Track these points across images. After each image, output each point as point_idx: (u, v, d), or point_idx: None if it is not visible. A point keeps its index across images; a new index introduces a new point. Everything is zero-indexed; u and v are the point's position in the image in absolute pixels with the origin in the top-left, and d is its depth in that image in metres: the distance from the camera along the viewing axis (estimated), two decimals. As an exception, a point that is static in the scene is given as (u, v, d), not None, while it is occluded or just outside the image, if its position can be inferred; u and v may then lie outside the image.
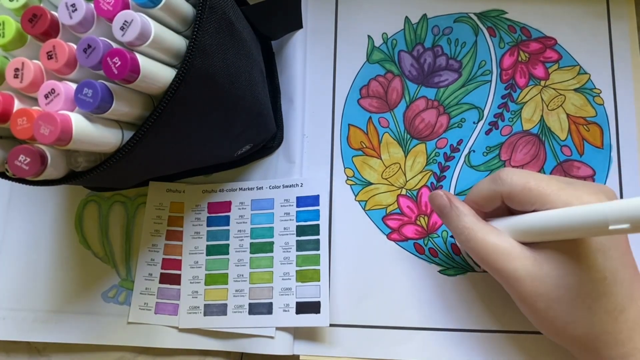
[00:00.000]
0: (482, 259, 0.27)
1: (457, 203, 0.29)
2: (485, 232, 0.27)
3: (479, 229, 0.28)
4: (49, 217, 0.38)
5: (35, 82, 0.23)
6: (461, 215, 0.29)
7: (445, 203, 0.29)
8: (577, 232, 0.24)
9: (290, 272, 0.34)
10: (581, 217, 0.23)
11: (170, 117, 0.24)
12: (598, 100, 0.37)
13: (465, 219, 0.28)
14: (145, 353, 0.35)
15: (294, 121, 0.37)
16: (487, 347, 0.33)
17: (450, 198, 0.29)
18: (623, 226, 0.21)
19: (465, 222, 0.28)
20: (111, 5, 0.23)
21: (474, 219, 0.28)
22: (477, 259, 0.28)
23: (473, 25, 0.39)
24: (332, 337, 0.34)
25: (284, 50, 0.39)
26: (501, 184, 0.27)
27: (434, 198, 0.30)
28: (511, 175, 0.27)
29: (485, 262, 0.27)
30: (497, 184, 0.28)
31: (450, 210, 0.29)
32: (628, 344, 0.25)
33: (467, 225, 0.28)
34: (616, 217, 0.21)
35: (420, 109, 0.38)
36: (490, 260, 0.27)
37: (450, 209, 0.29)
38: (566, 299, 0.26)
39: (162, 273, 0.36)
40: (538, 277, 0.26)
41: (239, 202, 0.36)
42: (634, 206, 0.21)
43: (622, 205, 0.21)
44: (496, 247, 0.27)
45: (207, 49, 0.24)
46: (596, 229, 0.23)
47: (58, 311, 0.36)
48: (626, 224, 0.21)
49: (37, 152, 0.23)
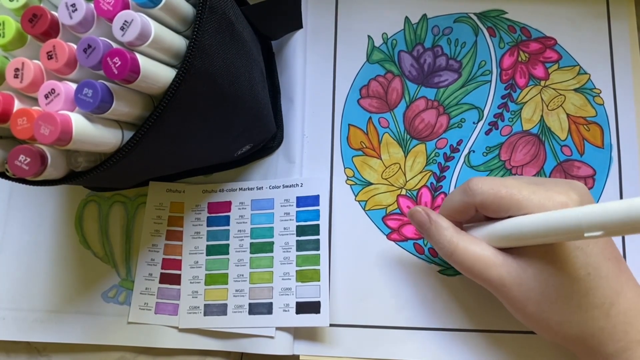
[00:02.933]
0: (467, 270, 0.28)
1: (436, 218, 0.29)
2: (467, 244, 0.28)
3: (460, 241, 0.28)
4: (49, 217, 0.38)
5: (35, 82, 0.23)
6: (441, 229, 0.29)
7: (424, 219, 0.29)
8: (553, 238, 0.24)
9: (290, 272, 0.34)
10: (556, 224, 0.24)
11: (171, 117, 0.24)
12: (598, 100, 0.37)
13: (445, 233, 0.28)
14: (145, 353, 0.35)
15: (294, 121, 0.37)
16: (487, 347, 0.33)
17: (428, 213, 0.29)
18: (597, 233, 0.22)
19: (445, 235, 0.28)
20: (111, 5, 0.23)
21: (454, 232, 0.28)
22: (462, 271, 0.28)
23: (473, 25, 0.39)
24: (332, 337, 0.34)
25: (284, 50, 0.39)
26: (472, 195, 0.27)
27: (412, 214, 0.30)
28: (480, 185, 0.27)
29: (471, 273, 0.28)
30: (469, 195, 0.28)
31: (430, 226, 0.29)
32: (624, 337, 0.25)
33: (447, 239, 0.28)
34: (590, 225, 0.22)
35: (420, 109, 0.38)
36: (475, 271, 0.27)
37: (430, 224, 0.29)
38: (555, 299, 0.26)
39: (162, 273, 0.36)
40: (524, 282, 0.26)
41: (239, 202, 0.36)
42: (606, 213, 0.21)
43: (595, 212, 0.22)
44: (479, 258, 0.27)
45: (207, 49, 0.24)
46: (572, 235, 0.23)
47: (58, 311, 0.36)
48: (600, 230, 0.21)
49: (37, 152, 0.23)
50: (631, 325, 0.25)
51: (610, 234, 0.21)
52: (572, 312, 0.26)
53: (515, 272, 0.26)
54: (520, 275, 0.26)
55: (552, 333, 0.27)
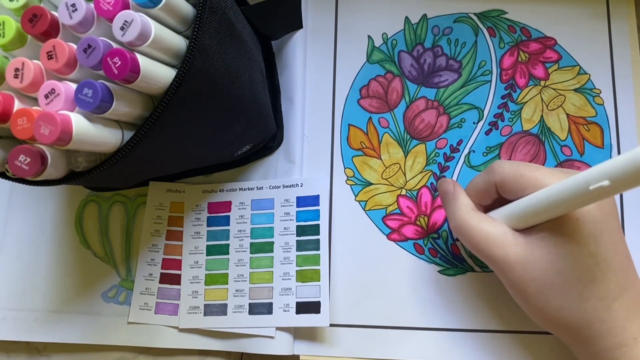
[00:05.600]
0: (474, 246, 0.28)
1: (459, 191, 0.30)
2: (479, 220, 0.28)
3: (472, 217, 0.28)
4: (49, 217, 0.38)
5: (35, 82, 0.23)
6: (459, 202, 0.30)
7: (449, 189, 0.31)
8: (563, 205, 0.24)
9: (290, 272, 0.34)
10: (564, 186, 0.24)
11: (170, 117, 0.24)
12: (598, 100, 0.37)
13: (462, 206, 0.29)
14: (145, 353, 0.35)
15: (294, 121, 0.37)
16: (487, 347, 0.33)
17: (455, 186, 0.31)
18: (603, 183, 0.22)
19: (461, 208, 0.29)
20: (111, 5, 0.23)
21: (469, 208, 0.29)
22: (469, 247, 0.29)
23: (473, 25, 0.39)
24: (332, 337, 0.34)
25: (284, 50, 0.39)
26: (493, 174, 0.28)
27: (441, 183, 0.32)
28: (503, 165, 0.28)
29: (477, 250, 0.28)
30: (490, 174, 0.29)
31: (451, 197, 0.30)
32: (622, 333, 0.25)
33: (462, 212, 0.29)
34: (595, 177, 0.22)
35: (420, 109, 0.38)
36: (481, 248, 0.28)
37: (452, 196, 0.30)
38: (557, 283, 0.26)
39: (162, 273, 0.36)
40: (529, 262, 0.26)
41: (239, 202, 0.36)
42: (610, 164, 0.21)
43: (600, 166, 0.22)
44: (488, 235, 0.27)
45: (207, 49, 0.24)
46: (579, 193, 0.23)
47: (58, 311, 0.36)
48: (605, 180, 0.21)
49: (37, 152, 0.23)
50: (630, 322, 0.25)
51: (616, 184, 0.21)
52: (573, 299, 0.26)
53: (522, 252, 0.26)
54: (527, 255, 0.26)
55: (549, 318, 0.27)
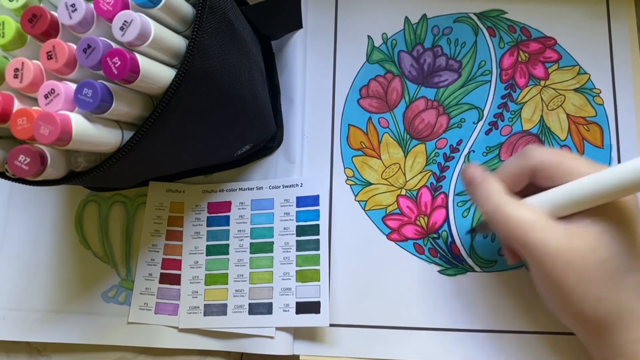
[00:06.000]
0: (512, 232, 0.26)
1: (490, 177, 0.28)
2: (515, 205, 0.26)
3: (508, 202, 0.27)
4: (49, 217, 0.38)
5: (35, 82, 0.23)
6: (491, 185, 0.28)
7: (477, 175, 0.29)
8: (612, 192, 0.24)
9: (290, 272, 0.34)
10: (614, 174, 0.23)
11: (170, 117, 0.24)
12: (598, 100, 0.37)
13: (495, 192, 0.27)
14: (145, 353, 0.35)
15: (294, 121, 0.37)
16: (487, 347, 0.33)
17: (483, 172, 0.29)
18: None
19: (494, 192, 0.27)
20: (111, 5, 0.23)
21: (503, 193, 0.27)
22: (505, 232, 0.27)
23: (473, 25, 0.39)
24: (332, 337, 0.34)
25: (284, 50, 0.39)
26: (529, 157, 0.27)
27: (466, 169, 0.30)
28: (540, 150, 0.27)
29: (515, 236, 0.26)
30: (525, 158, 0.27)
31: (480, 183, 0.28)
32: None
33: (496, 197, 0.27)
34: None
35: (420, 109, 0.38)
36: (519, 234, 0.26)
37: (481, 181, 0.28)
38: (598, 274, 0.25)
39: (162, 273, 0.36)
40: (571, 251, 0.25)
41: (239, 202, 0.36)
42: None
43: None
44: (525, 219, 0.26)
45: (207, 49, 0.24)
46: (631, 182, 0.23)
47: (58, 311, 0.36)
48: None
49: (37, 152, 0.23)
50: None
51: None
52: (611, 289, 0.25)
53: (564, 239, 0.25)
54: (568, 243, 0.25)
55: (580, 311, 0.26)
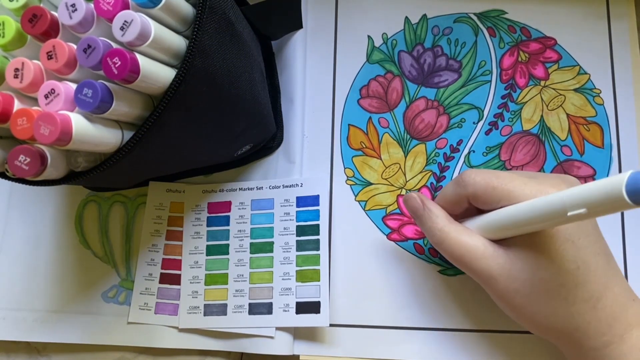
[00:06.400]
0: (457, 260, 0.28)
1: (430, 205, 0.29)
2: (458, 233, 0.28)
3: (452, 230, 0.28)
4: (49, 217, 0.38)
5: (35, 82, 0.23)
6: (434, 217, 0.29)
7: (418, 205, 0.30)
8: (541, 223, 0.24)
9: (290, 272, 0.34)
10: (541, 207, 0.24)
11: (170, 117, 0.24)
12: (598, 100, 0.37)
13: (437, 221, 0.28)
14: (145, 353, 0.35)
15: (294, 121, 0.37)
16: (486, 347, 0.33)
17: (423, 200, 0.30)
18: (580, 211, 0.21)
19: (437, 223, 0.28)
20: (111, 5, 0.23)
21: (446, 221, 0.28)
22: (452, 260, 0.28)
23: (473, 25, 0.39)
24: (332, 337, 0.34)
25: (284, 50, 0.39)
26: (465, 186, 0.28)
27: (407, 200, 0.31)
28: (473, 176, 0.27)
29: (461, 263, 0.28)
30: (461, 186, 0.28)
31: (423, 212, 0.29)
32: (608, 331, 0.26)
33: (439, 227, 0.28)
34: (573, 203, 0.22)
35: (420, 109, 0.38)
36: (465, 261, 0.27)
37: (423, 210, 0.29)
38: (542, 292, 0.26)
39: (162, 273, 0.36)
40: (512, 274, 0.26)
41: (239, 202, 0.36)
42: (588, 191, 0.21)
43: (578, 192, 0.22)
44: (469, 248, 0.27)
45: (207, 49, 0.24)
46: (556, 217, 0.23)
47: (58, 311, 0.36)
48: (583, 208, 0.21)
49: (37, 152, 0.23)
50: (616, 319, 0.26)
51: (592, 213, 0.21)
52: (559, 305, 0.26)
53: (504, 264, 0.26)
54: (509, 267, 0.26)
55: (539, 326, 0.27)
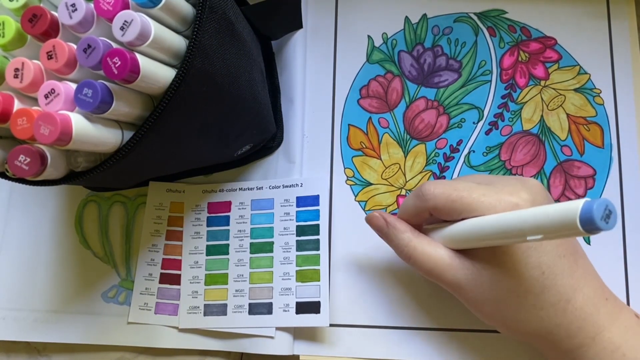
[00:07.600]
0: (426, 272, 0.28)
1: (393, 222, 0.29)
2: (424, 247, 0.28)
3: (417, 245, 0.28)
4: (49, 217, 0.38)
5: (35, 82, 0.23)
6: (398, 233, 0.29)
7: (382, 224, 0.30)
8: (502, 242, 0.25)
9: (290, 272, 0.34)
10: (502, 227, 0.24)
11: (170, 117, 0.24)
12: (598, 100, 0.37)
13: (403, 236, 0.29)
14: (145, 353, 0.35)
15: (294, 121, 0.37)
16: (487, 347, 0.33)
17: (385, 218, 0.30)
18: (537, 237, 0.22)
19: (403, 239, 0.29)
20: (111, 5, 0.23)
21: (411, 235, 0.29)
22: (422, 273, 0.28)
23: (473, 25, 0.39)
24: (332, 337, 0.34)
25: (284, 50, 0.39)
26: (425, 200, 0.28)
27: (370, 220, 0.31)
28: (432, 189, 0.27)
29: (430, 275, 0.28)
30: (421, 200, 0.28)
31: (387, 230, 0.29)
32: (579, 334, 0.26)
33: (405, 243, 0.28)
34: (531, 228, 0.22)
35: (420, 109, 0.38)
36: (434, 274, 0.28)
37: (387, 228, 0.29)
38: (509, 299, 0.26)
39: (162, 273, 0.36)
40: (479, 284, 0.26)
41: (239, 202, 0.36)
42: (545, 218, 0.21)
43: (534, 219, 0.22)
44: (436, 261, 0.27)
45: (207, 49, 0.24)
46: (517, 239, 0.24)
47: (58, 311, 0.36)
48: (539, 234, 0.22)
49: (37, 152, 0.23)
50: (586, 321, 0.26)
51: (549, 237, 0.22)
52: (528, 310, 0.26)
53: (470, 275, 0.27)
54: (475, 277, 0.26)
55: (513, 331, 0.27)
